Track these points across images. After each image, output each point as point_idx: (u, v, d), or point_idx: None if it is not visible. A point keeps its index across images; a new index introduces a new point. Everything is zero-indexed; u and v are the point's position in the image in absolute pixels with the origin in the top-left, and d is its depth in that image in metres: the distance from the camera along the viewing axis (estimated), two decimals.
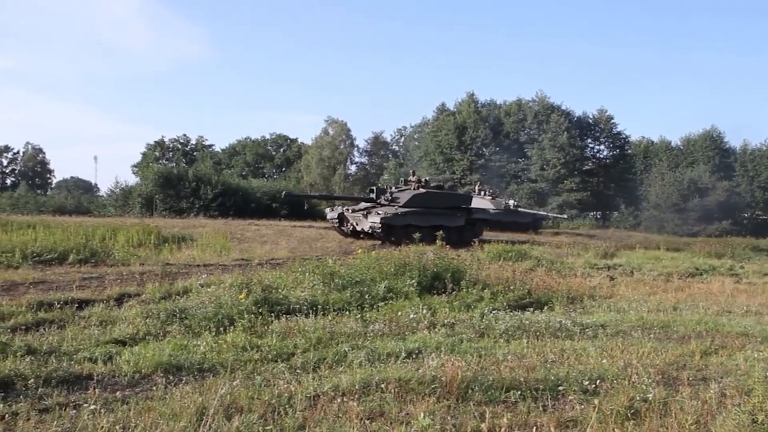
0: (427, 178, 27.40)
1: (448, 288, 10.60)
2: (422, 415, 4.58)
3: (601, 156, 64.95)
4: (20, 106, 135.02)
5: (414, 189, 24.72)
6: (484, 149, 62.86)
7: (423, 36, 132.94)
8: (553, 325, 8.30)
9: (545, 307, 10.04)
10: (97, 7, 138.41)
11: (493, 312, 9.19)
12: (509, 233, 30.76)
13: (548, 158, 59.68)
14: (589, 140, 64.39)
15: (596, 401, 4.87)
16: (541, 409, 4.99)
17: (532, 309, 9.71)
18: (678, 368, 6.34)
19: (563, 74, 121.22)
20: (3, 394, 5.09)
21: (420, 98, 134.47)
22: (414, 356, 6.47)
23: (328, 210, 26.25)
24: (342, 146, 69.24)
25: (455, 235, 22.55)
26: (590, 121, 63.80)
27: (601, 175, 63.01)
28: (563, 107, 62.64)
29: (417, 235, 14.09)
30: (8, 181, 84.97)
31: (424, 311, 8.70)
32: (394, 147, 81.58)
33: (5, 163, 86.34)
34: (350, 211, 23.98)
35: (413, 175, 26.41)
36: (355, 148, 72.98)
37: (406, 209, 22.94)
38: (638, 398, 4.98)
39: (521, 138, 62.93)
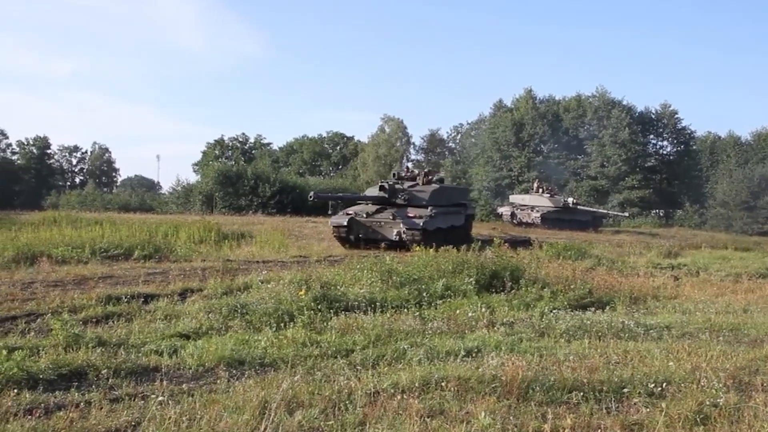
0: (428, 169, 23.27)
1: (506, 286, 10.48)
2: (483, 414, 4.54)
3: (665, 152, 62.88)
4: (87, 107, 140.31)
5: (422, 183, 20.82)
6: (542, 146, 61.76)
7: (479, 31, 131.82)
8: (616, 325, 8.11)
9: (607, 307, 9.83)
10: (158, 9, 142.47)
11: (553, 311, 9.05)
12: (568, 231, 30.26)
13: (609, 155, 58.20)
14: (652, 136, 62.45)
15: (663, 405, 4.74)
16: (604, 411, 4.87)
17: (593, 309, 9.51)
18: (750, 373, 6.07)
19: (624, 68, 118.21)
20: (77, 383, 5.30)
21: (477, 95, 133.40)
22: (473, 355, 6.43)
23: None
24: (398, 144, 69.38)
25: (458, 234, 19.54)
26: (653, 116, 61.85)
27: (665, 171, 61.02)
28: (624, 102, 60.97)
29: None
30: (77, 180, 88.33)
31: (483, 309, 8.62)
32: (450, 144, 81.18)
33: (74, 162, 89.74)
34: (365, 215, 19.20)
35: (407, 171, 22.42)
36: (411, 146, 73.07)
37: (436, 210, 19.27)
38: (708, 403, 4.82)
39: (581, 134, 61.52)
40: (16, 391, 4.85)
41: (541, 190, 37.31)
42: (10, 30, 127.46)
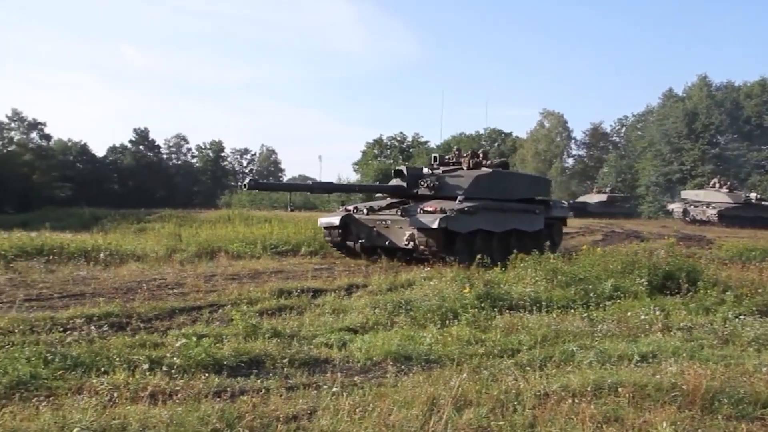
0: (483, 151, 16.78)
1: (682, 289, 9.78)
2: (663, 424, 4.26)
3: None
4: (256, 112, 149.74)
5: (468, 168, 15.37)
6: (718, 137, 57.03)
7: (646, 17, 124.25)
8: None
9: None
10: (318, 15, 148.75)
11: (738, 317, 8.28)
12: (750, 229, 27.78)
13: None
14: None
15: None
16: None
17: None
18: None
19: None
20: (256, 370, 5.66)
21: (644, 84, 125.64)
22: (648, 360, 6.06)
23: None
24: (558, 139, 67.40)
25: (530, 244, 13.31)
26: None
27: None
28: None
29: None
30: (247, 180, 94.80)
31: (657, 312, 8.13)
32: (614, 138, 77.27)
33: (245, 163, 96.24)
34: (365, 212, 14.33)
35: (456, 153, 16.80)
36: (572, 141, 70.63)
37: (473, 203, 13.78)
38: None
39: (765, 122, 56.08)
40: (205, 375, 5.27)
41: (718, 184, 34.57)
42: (188, 46, 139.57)
